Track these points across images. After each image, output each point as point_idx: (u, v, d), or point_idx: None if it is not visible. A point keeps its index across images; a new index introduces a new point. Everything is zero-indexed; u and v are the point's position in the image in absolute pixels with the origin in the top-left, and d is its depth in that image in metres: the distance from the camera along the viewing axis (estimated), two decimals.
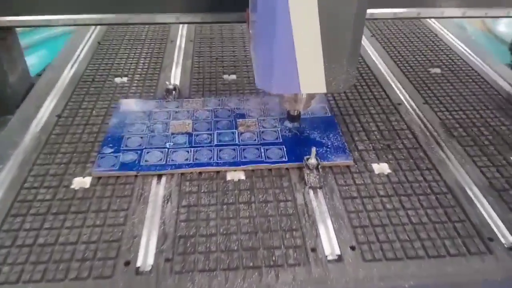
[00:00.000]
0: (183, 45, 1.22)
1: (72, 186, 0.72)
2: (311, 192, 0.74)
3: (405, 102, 0.99)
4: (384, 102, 0.98)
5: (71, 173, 0.75)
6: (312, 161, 0.75)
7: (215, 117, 0.91)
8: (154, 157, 0.79)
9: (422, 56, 1.18)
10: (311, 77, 0.63)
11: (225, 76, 1.08)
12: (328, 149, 0.82)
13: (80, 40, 1.23)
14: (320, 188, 0.74)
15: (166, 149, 0.81)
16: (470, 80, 1.07)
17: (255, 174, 0.77)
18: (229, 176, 0.77)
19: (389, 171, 0.79)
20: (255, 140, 0.84)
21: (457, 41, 1.26)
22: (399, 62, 1.15)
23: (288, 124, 0.88)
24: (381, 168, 0.79)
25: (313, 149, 0.75)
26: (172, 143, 0.83)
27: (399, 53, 1.19)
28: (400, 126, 0.91)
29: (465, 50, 1.21)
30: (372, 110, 0.95)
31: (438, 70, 1.12)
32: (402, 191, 0.74)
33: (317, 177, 0.74)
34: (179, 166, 0.77)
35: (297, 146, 0.83)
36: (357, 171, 0.79)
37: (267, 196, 0.73)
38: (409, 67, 1.12)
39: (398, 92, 1.02)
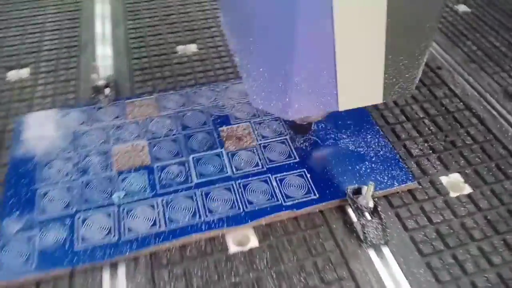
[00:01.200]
0: (107, 7, 0.82)
1: None
2: (372, 253, 0.45)
3: (445, 63, 0.70)
4: None
5: None
6: (368, 203, 0.46)
7: (183, 129, 0.57)
8: (97, 231, 0.46)
9: None
10: (358, 88, 0.41)
11: (180, 48, 0.72)
12: (372, 165, 0.53)
13: None
14: (386, 243, 0.45)
15: (115, 209, 0.48)
16: None
17: (273, 231, 0.47)
18: (232, 244, 0.46)
19: (468, 188, 0.52)
20: (256, 164, 0.53)
21: None
22: None
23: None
24: (455, 183, 0.52)
25: (371, 185, 0.45)
26: (123, 193, 0.49)
27: None
28: (454, 104, 0.63)
29: None
30: None
31: (465, 8, 0.82)
32: (504, 227, 0.48)
33: (379, 226, 0.45)
34: (144, 241, 0.45)
35: (324, 165, 0.53)
36: (426, 196, 0.51)
37: (303, 273, 0.43)
38: None
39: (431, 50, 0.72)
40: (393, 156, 0.54)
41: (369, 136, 0.56)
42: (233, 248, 0.46)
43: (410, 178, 0.51)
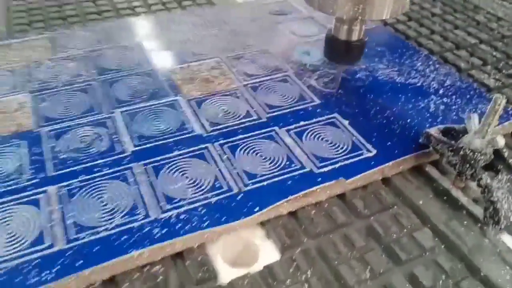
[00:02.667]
0: None
1: None
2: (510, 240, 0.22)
3: None
4: None
5: None
6: (490, 143, 0.23)
7: (101, 73, 0.31)
8: None
9: None
10: None
11: None
12: (443, 99, 0.30)
13: None
14: None
15: None
16: None
17: (301, 225, 0.22)
18: (224, 264, 0.20)
19: None
20: (247, 114, 0.28)
21: None
22: None
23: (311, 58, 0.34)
24: None
25: (498, 98, 0.22)
26: None
27: None
28: (506, 28, 0.43)
29: None
30: None
31: None
32: None
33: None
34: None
35: (366, 106, 0.29)
36: None
37: None
38: None
39: None
40: (470, 86, 0.32)
41: (419, 64, 0.35)
42: (225, 273, 0.20)
43: (510, 112, 0.30)
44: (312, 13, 0.41)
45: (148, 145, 0.26)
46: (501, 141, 0.22)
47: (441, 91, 0.32)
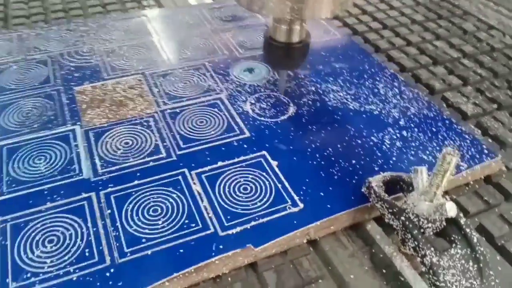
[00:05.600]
0: None
1: None
2: None
3: None
4: None
5: None
6: (437, 210, 0.17)
7: None
8: None
9: None
10: None
11: None
12: (404, 131, 0.25)
13: None
14: None
15: None
16: None
17: None
18: None
19: None
20: (155, 150, 0.23)
21: None
22: None
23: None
24: None
25: (420, 170, 0.17)
26: None
27: None
28: (497, 38, 0.37)
29: None
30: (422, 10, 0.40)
31: None
32: None
33: (469, 261, 0.17)
34: None
35: (304, 140, 0.24)
36: None
37: None
38: None
39: None
40: (438, 115, 0.27)
41: (382, 85, 0.29)
42: None
43: (485, 151, 0.24)
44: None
45: (16, 194, 0.20)
46: (451, 211, 0.17)
47: (401, 122, 0.26)
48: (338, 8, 0.23)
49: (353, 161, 0.23)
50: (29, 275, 0.17)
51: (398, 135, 0.25)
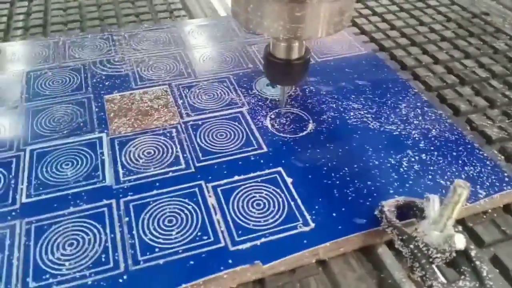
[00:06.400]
0: None
1: None
2: None
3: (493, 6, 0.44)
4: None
5: None
6: (449, 240, 0.17)
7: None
8: None
9: None
10: None
11: None
12: (421, 155, 0.25)
13: None
14: None
15: None
16: None
17: None
18: None
19: None
20: (175, 161, 0.24)
21: None
22: None
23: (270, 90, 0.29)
24: None
25: (432, 198, 0.17)
26: None
27: None
28: None
29: None
30: (442, 32, 0.40)
31: None
32: None
33: None
34: None
35: (318, 159, 0.24)
36: None
37: None
38: None
39: None
40: (461, 139, 0.26)
41: (404, 105, 0.29)
42: None
43: (506, 179, 0.24)
44: None
45: (42, 197, 0.22)
46: (459, 243, 0.17)
47: (421, 144, 0.26)
48: (331, 28, 0.23)
49: (369, 183, 0.23)
50: (47, 276, 0.19)
51: (416, 157, 0.25)
